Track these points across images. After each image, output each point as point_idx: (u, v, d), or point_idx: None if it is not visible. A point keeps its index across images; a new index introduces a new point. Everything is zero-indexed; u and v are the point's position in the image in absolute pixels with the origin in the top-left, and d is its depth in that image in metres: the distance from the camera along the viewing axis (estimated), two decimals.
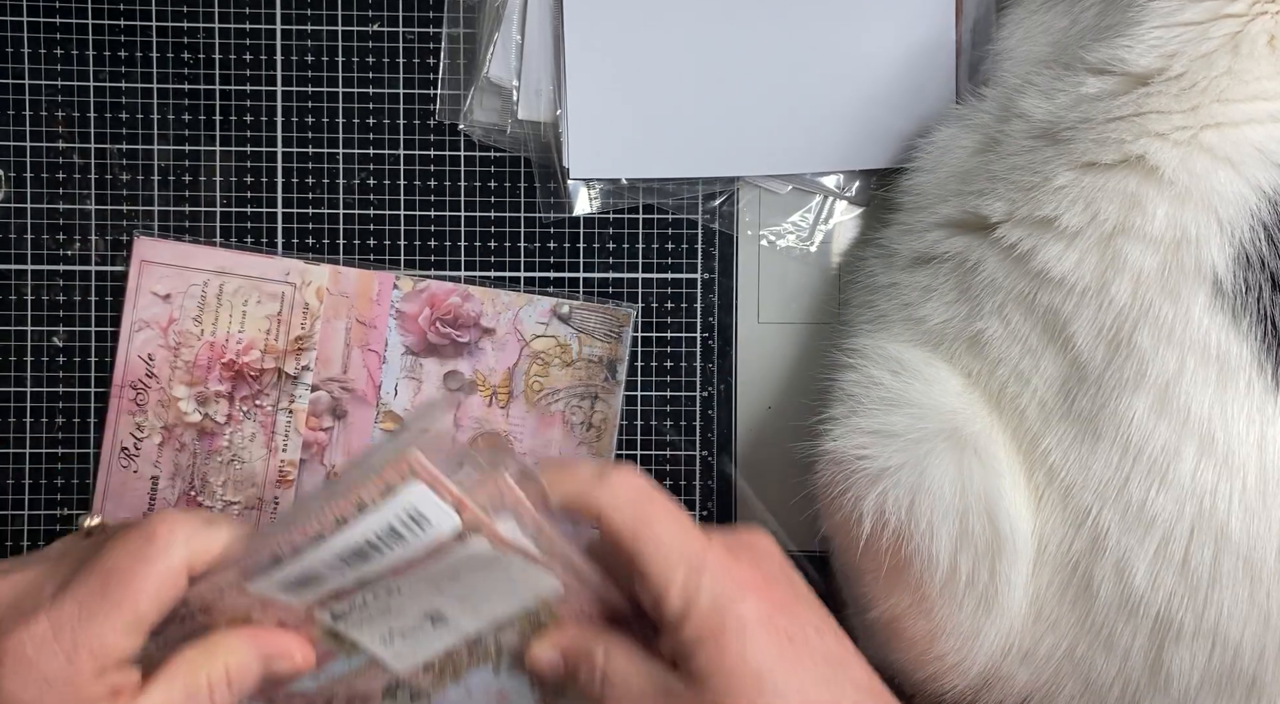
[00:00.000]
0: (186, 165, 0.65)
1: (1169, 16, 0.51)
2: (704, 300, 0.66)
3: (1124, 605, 0.49)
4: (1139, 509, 0.49)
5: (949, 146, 0.57)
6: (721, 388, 0.66)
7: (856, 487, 0.52)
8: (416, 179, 0.66)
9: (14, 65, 0.64)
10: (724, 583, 0.43)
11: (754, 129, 0.65)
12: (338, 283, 0.65)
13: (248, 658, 0.47)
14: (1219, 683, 0.49)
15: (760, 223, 0.66)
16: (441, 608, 0.49)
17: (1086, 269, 0.50)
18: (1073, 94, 0.52)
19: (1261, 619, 0.48)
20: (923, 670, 0.54)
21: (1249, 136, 0.48)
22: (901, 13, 0.64)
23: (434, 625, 0.50)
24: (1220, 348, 0.48)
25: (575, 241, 0.66)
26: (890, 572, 0.53)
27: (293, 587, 0.48)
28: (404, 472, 0.44)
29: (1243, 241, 0.48)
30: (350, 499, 0.45)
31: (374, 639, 0.50)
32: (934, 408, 0.52)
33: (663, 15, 0.64)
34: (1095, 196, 0.50)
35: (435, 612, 0.49)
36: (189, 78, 0.65)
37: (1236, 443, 0.47)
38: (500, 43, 0.65)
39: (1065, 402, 0.51)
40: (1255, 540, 0.47)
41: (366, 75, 0.65)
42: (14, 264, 0.65)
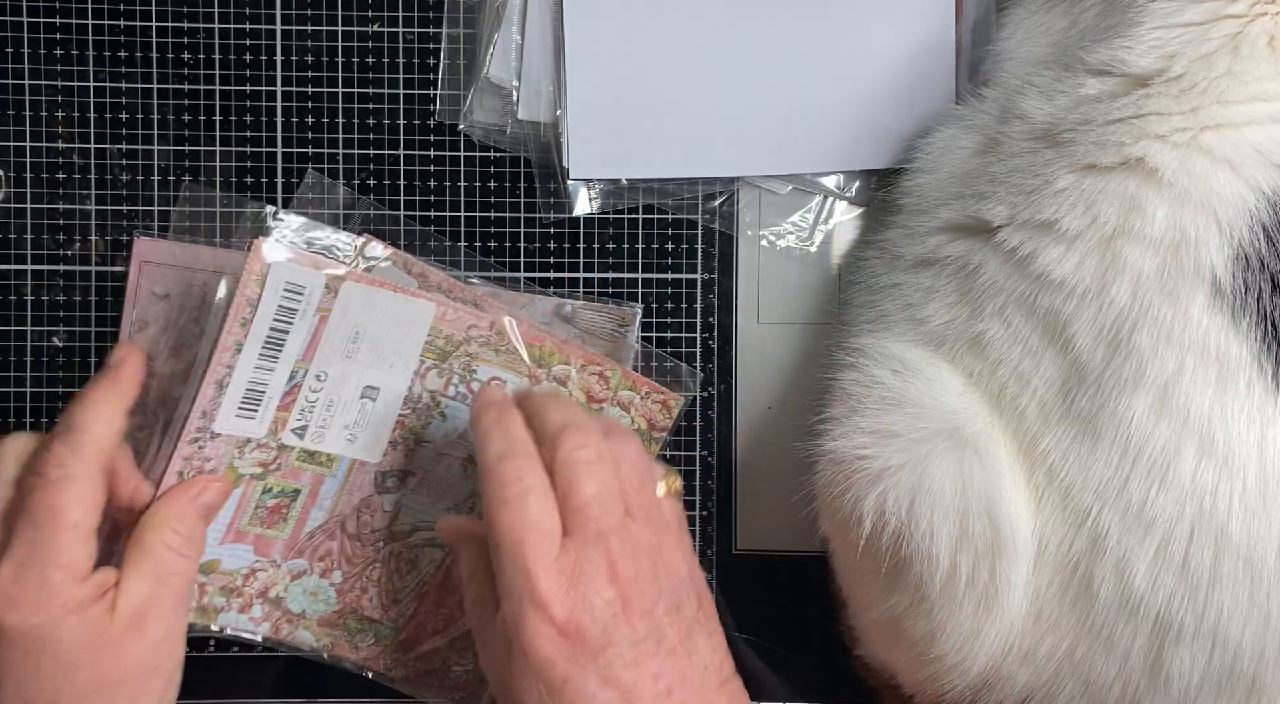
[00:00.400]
0: (186, 165, 0.65)
1: (1169, 17, 0.51)
2: (704, 300, 0.66)
3: (1124, 606, 0.49)
4: (1139, 510, 0.49)
5: (949, 147, 0.57)
6: (721, 388, 0.66)
7: (857, 487, 0.52)
8: (416, 179, 0.66)
9: (14, 65, 0.64)
10: None
11: (754, 129, 0.65)
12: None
13: (185, 510, 0.55)
14: (1219, 683, 0.49)
15: (760, 223, 0.66)
16: (365, 380, 0.59)
17: (1087, 271, 0.50)
18: (1072, 95, 0.52)
19: (1261, 620, 0.48)
20: (923, 670, 0.54)
21: (1248, 138, 0.49)
22: (901, 13, 0.64)
23: (373, 400, 0.59)
24: (1220, 348, 0.48)
25: (575, 242, 0.66)
26: (890, 572, 0.53)
27: (243, 411, 0.57)
28: (261, 260, 0.56)
29: (1241, 242, 0.48)
30: (240, 305, 0.55)
31: (339, 443, 0.60)
32: (935, 408, 0.52)
33: (663, 15, 0.64)
34: (1095, 199, 0.50)
35: (364, 387, 0.59)
36: (189, 78, 0.65)
37: (1237, 443, 0.47)
38: (500, 43, 0.65)
39: (1065, 402, 0.51)
40: (1255, 541, 0.47)
41: (366, 75, 0.65)
42: (14, 264, 0.65)
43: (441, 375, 0.60)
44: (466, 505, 0.62)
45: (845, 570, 0.59)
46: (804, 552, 0.66)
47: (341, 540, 0.61)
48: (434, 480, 0.61)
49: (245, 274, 0.56)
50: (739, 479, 0.67)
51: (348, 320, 0.58)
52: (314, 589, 0.62)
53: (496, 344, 0.60)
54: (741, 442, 0.67)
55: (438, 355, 0.60)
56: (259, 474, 0.59)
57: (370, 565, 0.62)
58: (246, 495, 0.59)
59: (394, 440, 0.60)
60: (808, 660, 0.67)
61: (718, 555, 0.67)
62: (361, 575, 0.62)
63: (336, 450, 0.60)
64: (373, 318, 0.58)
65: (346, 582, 0.62)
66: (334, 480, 0.60)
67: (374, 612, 0.62)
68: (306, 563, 0.61)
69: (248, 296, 0.56)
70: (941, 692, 0.55)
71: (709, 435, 0.67)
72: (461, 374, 0.60)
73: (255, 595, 0.61)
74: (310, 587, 0.62)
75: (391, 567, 0.62)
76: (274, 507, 0.60)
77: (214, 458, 0.58)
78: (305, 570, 0.62)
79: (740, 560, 0.67)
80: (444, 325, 0.59)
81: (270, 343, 0.57)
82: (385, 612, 0.62)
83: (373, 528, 0.62)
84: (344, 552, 0.62)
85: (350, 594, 0.62)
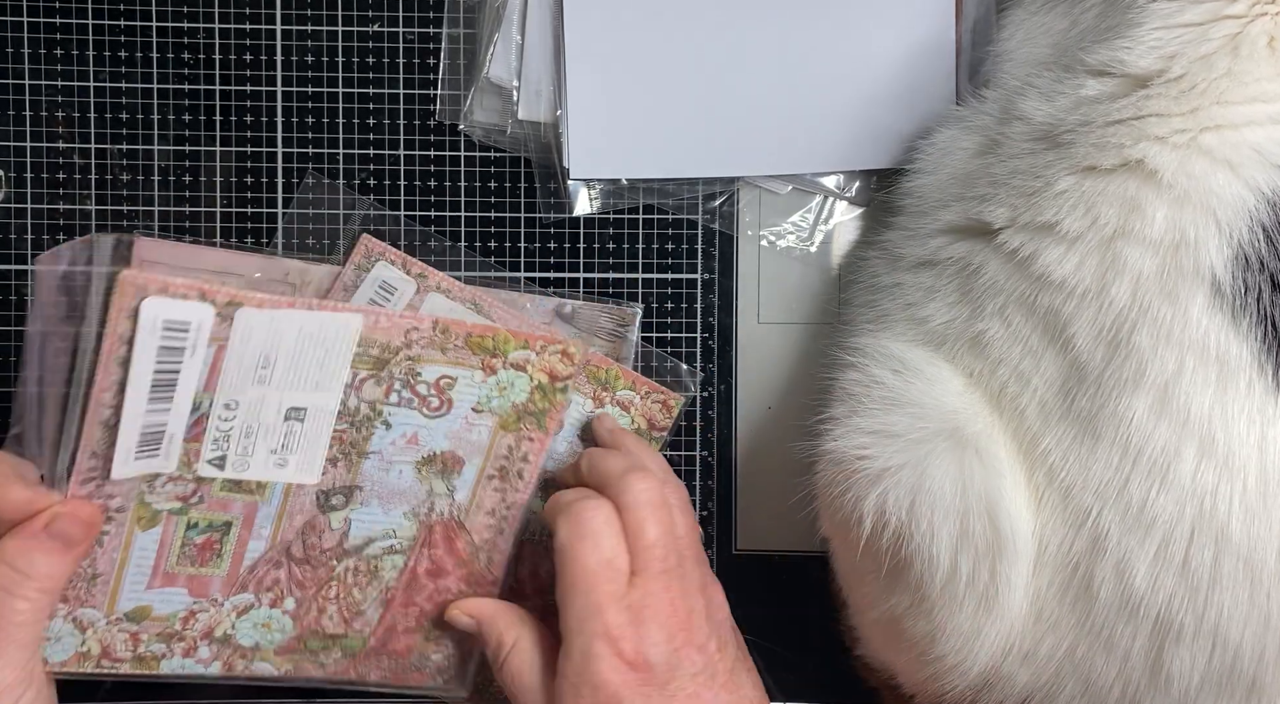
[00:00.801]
0: (186, 165, 0.65)
1: (1169, 18, 0.51)
2: (704, 300, 0.66)
3: (1124, 606, 0.49)
4: (1139, 510, 0.49)
5: (950, 148, 0.57)
6: (721, 388, 0.66)
7: (857, 487, 0.52)
8: (416, 179, 0.66)
9: (14, 65, 0.64)
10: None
11: (754, 129, 0.65)
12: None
13: (26, 545, 0.50)
14: (1219, 684, 0.49)
15: (760, 223, 0.66)
16: (287, 402, 0.54)
17: (1087, 272, 0.50)
18: (1072, 96, 0.52)
19: (1262, 620, 0.48)
20: (923, 671, 0.54)
21: (1248, 139, 0.48)
22: (901, 13, 0.64)
23: (300, 421, 0.55)
24: (1220, 348, 0.48)
25: (575, 242, 0.66)
26: (890, 572, 0.53)
27: (143, 452, 0.52)
28: (128, 294, 0.49)
29: (1241, 243, 0.48)
30: (110, 349, 0.49)
31: (268, 469, 0.55)
32: (935, 408, 0.52)
33: (663, 16, 0.64)
34: (1095, 201, 0.50)
35: (287, 408, 0.55)
36: (189, 78, 0.65)
37: (1237, 444, 0.47)
38: (500, 43, 0.65)
39: (1065, 402, 0.51)
40: (1255, 542, 0.47)
41: (366, 75, 0.65)
42: (14, 264, 0.65)
43: (380, 383, 0.56)
44: (425, 506, 0.59)
45: (845, 570, 0.59)
46: (804, 552, 0.66)
47: (289, 567, 0.58)
48: (385, 490, 0.58)
49: (114, 310, 0.49)
50: (739, 479, 0.67)
51: (251, 347, 0.52)
52: (265, 620, 0.58)
53: (442, 343, 0.57)
54: (741, 442, 0.67)
55: (373, 364, 0.56)
56: (178, 509, 0.55)
57: (325, 585, 0.59)
58: (169, 533, 0.55)
59: (333, 458, 0.57)
60: (808, 660, 0.67)
61: (718, 555, 0.67)
62: (317, 596, 0.59)
63: (265, 477, 0.56)
64: (283, 340, 0.53)
65: (301, 607, 0.58)
66: (269, 507, 0.57)
67: (336, 628, 0.59)
68: (253, 596, 0.58)
69: (120, 334, 0.49)
70: (942, 692, 0.55)
71: (709, 435, 0.67)
72: (404, 379, 0.56)
73: (199, 637, 0.57)
74: (260, 619, 0.58)
75: (349, 581, 0.59)
76: (204, 543, 0.56)
77: (118, 494, 0.53)
78: (252, 604, 0.58)
79: (740, 560, 0.67)
80: (378, 334, 0.55)
81: (160, 384, 0.51)
82: (349, 625, 0.60)
83: (322, 549, 0.58)
84: (293, 578, 0.58)
85: (307, 617, 0.59)
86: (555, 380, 0.58)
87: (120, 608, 0.56)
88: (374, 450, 0.57)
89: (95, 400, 0.50)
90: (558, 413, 0.59)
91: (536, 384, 0.58)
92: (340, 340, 0.54)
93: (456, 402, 0.58)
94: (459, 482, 0.59)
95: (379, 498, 0.58)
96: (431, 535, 0.59)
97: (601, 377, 0.63)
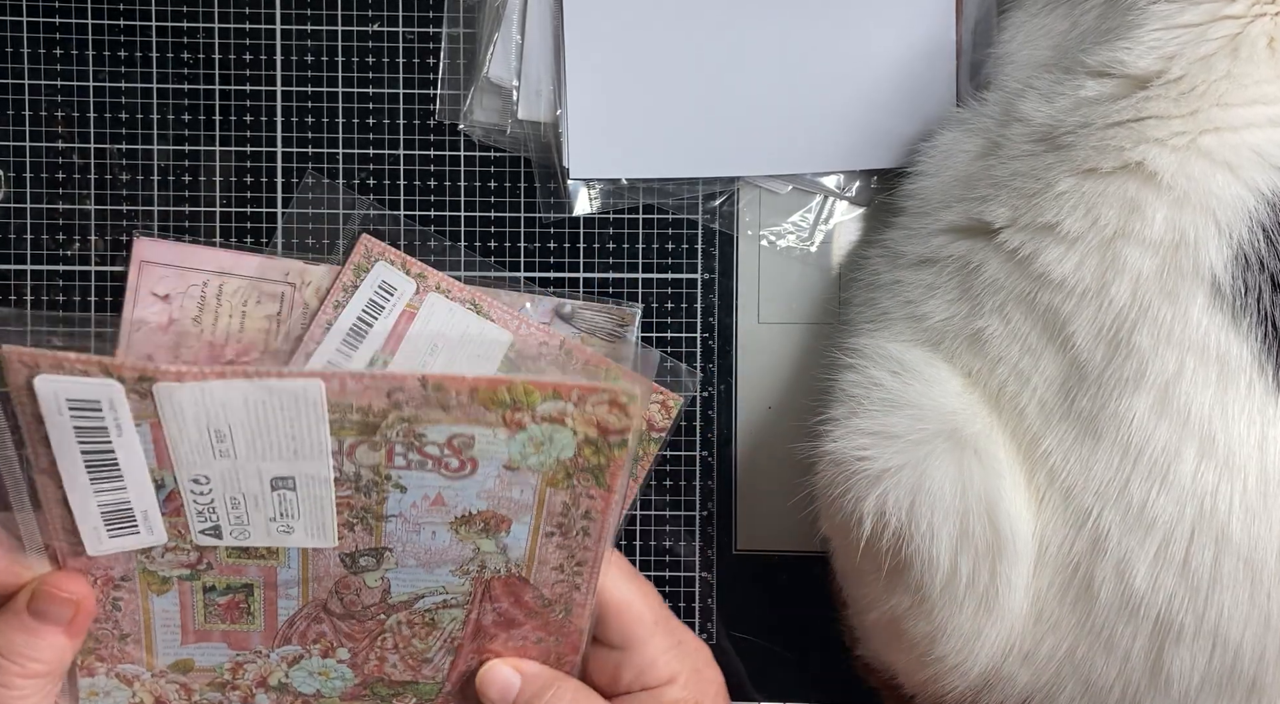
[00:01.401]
0: (186, 165, 0.65)
1: (1168, 19, 0.51)
2: (704, 300, 0.66)
3: (1124, 607, 0.49)
4: (1139, 510, 0.49)
5: (951, 151, 0.57)
6: (721, 388, 0.66)
7: (857, 488, 0.52)
8: (416, 179, 0.66)
9: (14, 65, 0.64)
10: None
11: (754, 129, 0.65)
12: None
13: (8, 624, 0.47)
14: (1219, 684, 0.49)
15: (760, 223, 0.66)
16: (268, 472, 0.48)
17: (1087, 272, 0.50)
18: (1072, 97, 0.52)
19: (1262, 621, 0.48)
20: (923, 672, 0.54)
21: (1247, 140, 0.49)
22: (901, 13, 0.64)
23: (291, 490, 0.49)
24: (1220, 349, 0.48)
25: (575, 242, 0.66)
26: (890, 573, 0.53)
27: (116, 529, 0.48)
28: (18, 372, 0.44)
29: (1241, 243, 0.48)
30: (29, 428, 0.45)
31: (272, 536, 0.50)
32: (934, 409, 0.52)
33: (663, 15, 0.64)
34: (1095, 202, 0.50)
35: (270, 478, 0.48)
36: (189, 78, 0.65)
37: (1237, 444, 0.48)
38: (500, 43, 0.65)
39: (1065, 402, 0.51)
40: (1256, 542, 0.47)
41: (366, 75, 0.65)
42: (14, 264, 0.65)
43: (377, 449, 0.48)
44: (475, 564, 0.52)
45: (845, 571, 0.59)
46: (804, 552, 0.66)
47: (331, 621, 0.53)
48: (419, 550, 0.52)
49: (11, 389, 0.44)
50: (739, 479, 0.67)
51: (191, 424, 0.46)
52: (320, 669, 0.54)
53: (440, 401, 0.48)
54: (741, 442, 0.67)
55: (360, 430, 0.48)
56: (188, 576, 0.51)
57: (378, 636, 0.54)
58: (187, 596, 0.51)
59: (347, 522, 0.50)
60: (808, 660, 0.67)
61: (718, 555, 0.67)
62: (372, 646, 0.54)
63: (273, 543, 0.50)
64: (230, 413, 0.46)
65: (357, 656, 0.54)
66: (289, 571, 0.51)
67: (404, 675, 0.55)
68: (300, 648, 0.54)
69: (31, 413, 0.45)
70: (942, 692, 0.55)
71: (709, 435, 0.67)
72: (405, 442, 0.48)
73: (253, 685, 0.54)
74: (315, 668, 0.54)
75: (405, 633, 0.54)
76: (228, 603, 0.52)
77: (115, 565, 0.50)
78: (301, 655, 0.54)
79: (740, 560, 0.67)
80: (349, 398, 0.47)
81: (97, 464, 0.46)
82: (417, 672, 0.55)
83: (364, 605, 0.53)
84: (339, 631, 0.53)
85: (367, 666, 0.54)
86: (608, 434, 0.48)
87: (161, 662, 0.53)
88: (393, 514, 0.50)
89: (39, 481, 0.46)
90: (621, 469, 0.50)
91: (584, 438, 0.49)
92: (304, 409, 0.47)
93: (481, 461, 0.49)
94: (509, 540, 0.51)
95: (415, 558, 0.52)
96: (490, 590, 0.53)
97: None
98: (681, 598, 0.66)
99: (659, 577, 0.66)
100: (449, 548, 0.51)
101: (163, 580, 0.51)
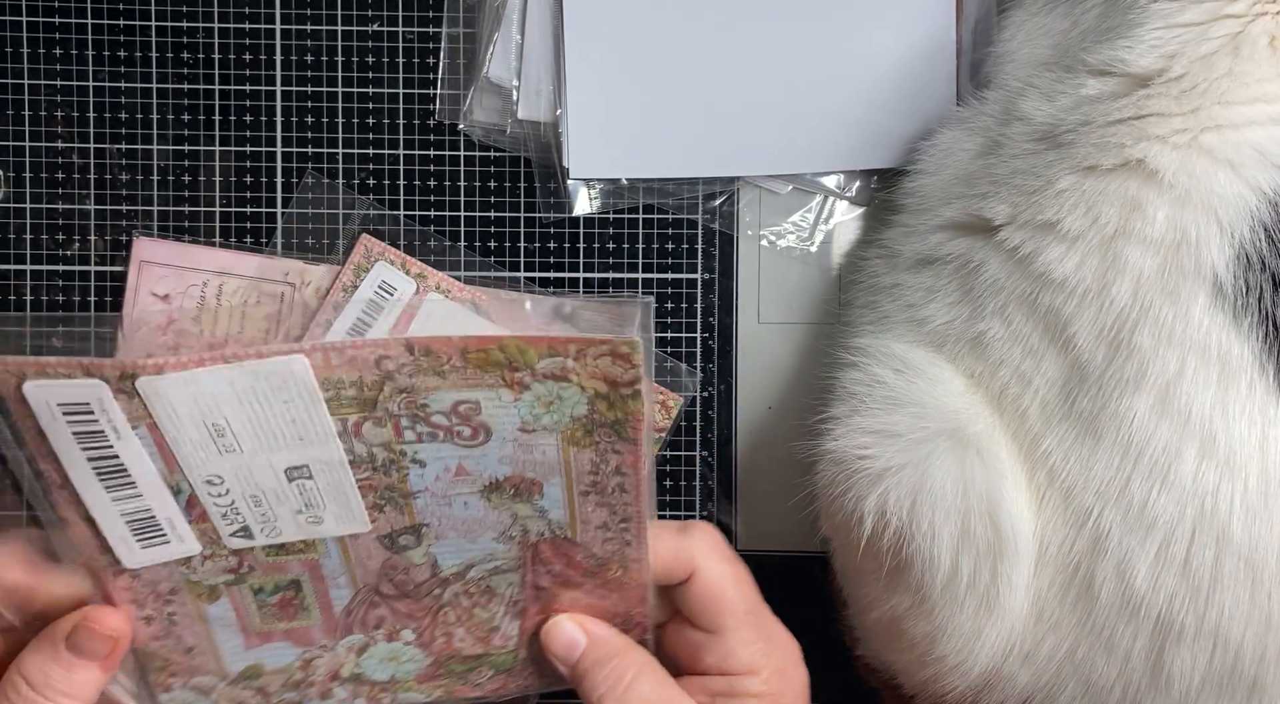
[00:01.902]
0: (186, 165, 0.65)
1: (1169, 18, 0.51)
2: (704, 300, 0.66)
3: (1125, 607, 0.49)
4: (1140, 510, 0.49)
5: (951, 150, 0.57)
6: (721, 388, 0.66)
7: (857, 487, 0.52)
8: (416, 179, 0.66)
9: (14, 65, 0.64)
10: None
11: (754, 129, 0.65)
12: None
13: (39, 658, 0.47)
14: (1220, 685, 0.49)
15: (760, 223, 0.66)
16: (279, 464, 0.48)
17: (1088, 271, 0.50)
18: (1073, 96, 0.52)
19: (1263, 621, 0.48)
20: (924, 671, 0.54)
21: (1249, 139, 0.48)
22: (901, 13, 0.64)
23: (309, 478, 0.48)
24: (1221, 348, 0.48)
25: (575, 241, 0.66)
26: (891, 572, 0.53)
27: (146, 540, 0.48)
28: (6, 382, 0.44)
29: (1243, 242, 0.48)
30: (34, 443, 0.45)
31: (304, 528, 0.50)
32: (937, 408, 0.52)
33: (663, 15, 0.64)
34: (1096, 200, 0.50)
35: (284, 469, 0.48)
36: (189, 78, 0.65)
37: (1238, 444, 0.47)
38: (500, 43, 0.65)
39: (1066, 402, 0.51)
40: (1257, 542, 0.47)
41: (366, 75, 0.65)
42: (14, 264, 0.65)
43: (381, 424, 0.48)
44: (517, 529, 0.51)
45: (846, 571, 0.59)
46: (804, 552, 0.66)
47: (387, 604, 0.53)
48: (456, 522, 0.51)
49: (8, 401, 0.44)
50: (739, 479, 0.67)
51: (186, 419, 0.45)
52: (390, 654, 0.54)
53: (433, 366, 0.47)
54: (741, 442, 0.67)
55: (359, 405, 0.47)
56: (233, 581, 0.51)
57: (439, 612, 0.53)
58: (239, 600, 0.51)
59: (375, 504, 0.50)
60: (808, 660, 0.67)
61: None
62: (436, 622, 0.54)
63: (307, 536, 0.50)
64: (222, 403, 0.45)
65: (423, 635, 0.54)
66: (331, 560, 0.51)
67: (474, 649, 0.54)
68: (363, 636, 0.53)
69: (30, 426, 0.45)
70: (943, 692, 0.55)
71: (709, 435, 0.66)
72: (411, 414, 0.48)
73: (327, 680, 0.54)
74: (384, 653, 0.54)
75: (465, 605, 0.53)
76: (281, 601, 0.52)
77: (161, 580, 0.50)
78: (367, 642, 0.54)
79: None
80: (340, 372, 0.46)
81: (106, 471, 0.46)
82: (488, 643, 0.54)
83: (415, 583, 0.52)
84: (397, 613, 0.53)
85: (436, 643, 0.54)
86: (617, 386, 0.48)
87: (232, 669, 0.53)
88: (418, 490, 0.50)
89: (57, 498, 0.46)
90: (641, 422, 0.49)
91: (594, 393, 0.48)
92: (296, 390, 0.46)
93: (494, 426, 0.49)
94: (545, 503, 0.51)
95: (454, 530, 0.51)
96: (539, 553, 0.52)
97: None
98: None
99: None
100: (485, 516, 0.51)
101: (210, 589, 0.50)
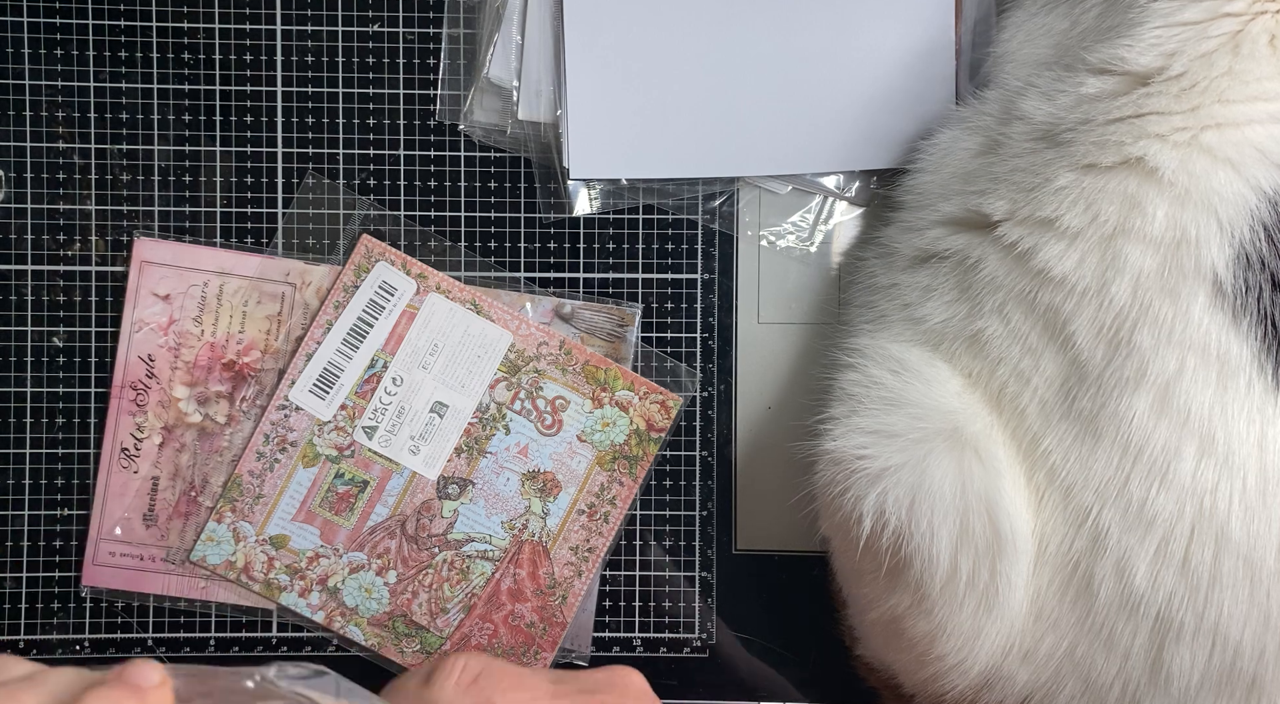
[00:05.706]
0: (186, 165, 0.65)
1: (1169, 16, 0.51)
2: (704, 300, 0.66)
3: (1124, 605, 0.49)
4: (1139, 509, 0.49)
5: (951, 149, 0.57)
6: (721, 388, 0.66)
7: (856, 486, 0.52)
8: (416, 179, 0.66)
9: (14, 65, 0.64)
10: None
11: (754, 129, 0.65)
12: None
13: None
14: (1219, 682, 0.49)
15: (760, 223, 0.66)
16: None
17: (1087, 269, 0.50)
18: (1073, 94, 0.52)
19: (1261, 619, 0.48)
20: (923, 670, 0.54)
21: (1249, 137, 0.49)
22: (901, 14, 0.64)
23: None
24: (1220, 348, 0.48)
25: (575, 242, 0.66)
26: (890, 572, 0.53)
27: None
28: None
29: (1242, 242, 0.48)
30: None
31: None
32: (934, 408, 0.52)
33: (663, 16, 0.64)
34: (1096, 198, 0.50)
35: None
36: (189, 78, 0.65)
37: (1237, 443, 0.47)
38: (500, 43, 0.65)
39: (1065, 401, 0.51)
40: (1255, 540, 0.47)
41: (366, 75, 0.65)
42: (14, 264, 0.65)
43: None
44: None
45: (845, 570, 0.59)
46: (804, 552, 0.66)
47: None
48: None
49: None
50: (739, 479, 0.67)
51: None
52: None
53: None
54: (741, 442, 0.67)
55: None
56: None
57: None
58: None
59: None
60: (808, 660, 0.67)
61: (718, 555, 0.67)
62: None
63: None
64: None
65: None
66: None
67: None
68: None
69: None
70: (942, 691, 0.55)
71: (709, 435, 0.66)
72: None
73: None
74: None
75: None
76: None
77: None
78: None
79: (740, 560, 0.67)
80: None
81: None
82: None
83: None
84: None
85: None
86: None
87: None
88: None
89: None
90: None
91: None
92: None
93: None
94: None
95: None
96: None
97: (600, 377, 0.63)
98: (681, 598, 0.66)
99: (659, 576, 0.66)
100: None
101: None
